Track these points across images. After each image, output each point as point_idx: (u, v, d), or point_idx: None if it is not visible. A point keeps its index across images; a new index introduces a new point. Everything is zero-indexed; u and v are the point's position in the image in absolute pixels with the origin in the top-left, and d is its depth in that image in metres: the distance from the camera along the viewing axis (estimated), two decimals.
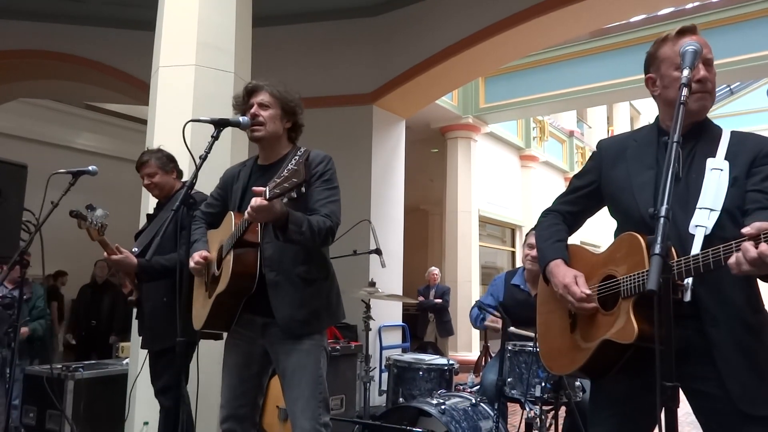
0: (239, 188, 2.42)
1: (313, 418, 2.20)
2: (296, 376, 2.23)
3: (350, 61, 6.87)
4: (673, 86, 1.67)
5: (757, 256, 1.28)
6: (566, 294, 1.71)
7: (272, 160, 2.41)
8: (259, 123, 2.32)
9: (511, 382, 3.15)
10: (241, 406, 2.34)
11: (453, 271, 10.27)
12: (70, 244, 9.34)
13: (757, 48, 7.95)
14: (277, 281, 2.22)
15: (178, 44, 3.77)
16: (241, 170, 2.49)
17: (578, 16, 6.09)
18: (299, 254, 2.25)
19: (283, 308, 2.21)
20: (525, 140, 12.85)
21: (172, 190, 3.14)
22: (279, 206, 2.02)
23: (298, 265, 2.25)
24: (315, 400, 2.23)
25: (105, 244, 2.73)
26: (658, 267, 1.26)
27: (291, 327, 2.22)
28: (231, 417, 2.33)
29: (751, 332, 1.56)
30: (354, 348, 4.60)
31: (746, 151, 1.63)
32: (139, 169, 3.15)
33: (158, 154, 3.15)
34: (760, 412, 1.51)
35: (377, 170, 6.87)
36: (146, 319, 2.97)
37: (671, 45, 1.71)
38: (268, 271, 2.23)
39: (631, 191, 1.72)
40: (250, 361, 2.36)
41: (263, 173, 2.40)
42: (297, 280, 2.24)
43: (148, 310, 2.95)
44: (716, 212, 1.57)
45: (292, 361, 2.24)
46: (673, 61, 1.68)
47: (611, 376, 1.70)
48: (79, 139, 10.73)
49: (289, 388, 2.26)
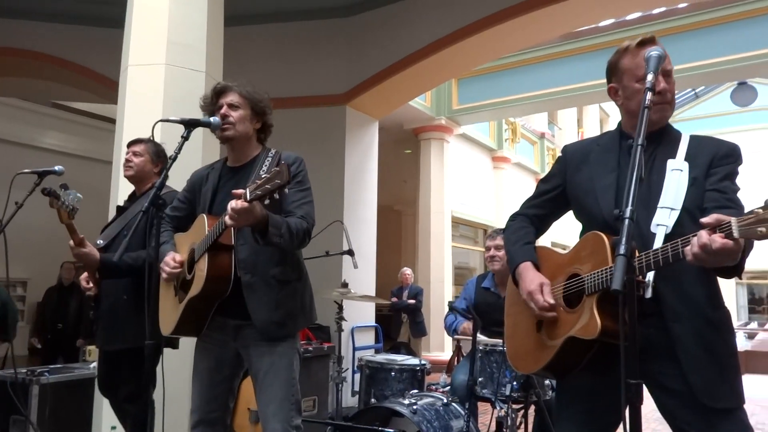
0: (209, 191, 2.38)
1: (285, 421, 2.19)
2: (269, 378, 2.22)
3: (324, 61, 6.85)
4: (635, 98, 1.73)
5: (708, 242, 1.32)
6: (530, 300, 1.75)
7: (242, 161, 2.39)
8: (230, 123, 2.29)
9: (482, 382, 3.18)
10: (213, 410, 2.31)
11: (426, 272, 10.33)
12: (35, 245, 9.16)
13: (721, 53, 8.17)
14: (253, 283, 2.20)
15: (148, 43, 3.72)
16: (209, 172, 2.45)
17: (549, 20, 6.18)
18: (274, 256, 2.23)
19: (260, 311, 2.19)
20: (497, 141, 12.99)
21: (147, 182, 3.03)
22: (259, 209, 1.99)
23: (273, 267, 2.23)
24: (287, 402, 2.21)
25: (72, 230, 2.65)
26: (622, 267, 1.30)
27: (268, 329, 2.20)
28: (202, 422, 2.30)
29: (712, 328, 1.61)
30: (326, 349, 4.59)
31: (705, 153, 1.69)
32: (129, 145, 3.05)
33: (156, 143, 3.04)
34: (722, 405, 1.56)
35: (350, 171, 6.87)
36: (104, 317, 2.86)
37: (632, 57, 1.75)
38: (243, 273, 2.20)
39: (595, 194, 1.77)
40: (221, 364, 2.33)
41: (233, 175, 2.37)
42: (273, 282, 2.22)
43: (107, 307, 2.86)
44: (676, 211, 1.62)
45: (265, 363, 2.23)
46: (634, 73, 1.73)
47: (575, 374, 1.73)
48: (45, 138, 10.49)
49: (261, 391, 2.24)
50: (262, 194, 1.88)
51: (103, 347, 2.88)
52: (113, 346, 2.84)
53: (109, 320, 2.85)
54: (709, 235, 1.33)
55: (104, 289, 2.88)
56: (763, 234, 1.23)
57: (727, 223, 1.31)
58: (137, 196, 3.06)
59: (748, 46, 7.98)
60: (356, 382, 5.48)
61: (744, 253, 1.37)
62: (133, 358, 2.87)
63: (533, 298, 1.73)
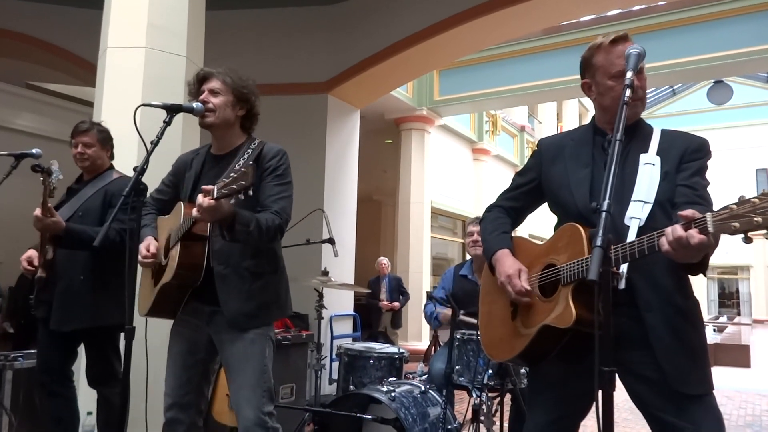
0: (191, 177, 2.39)
1: (257, 407, 2.20)
2: (241, 365, 2.23)
3: (306, 49, 6.81)
4: (608, 94, 1.78)
5: (684, 235, 1.36)
6: (507, 284, 1.78)
7: (225, 150, 2.38)
8: (209, 110, 2.29)
9: (458, 370, 3.23)
10: (186, 393, 2.32)
11: (405, 262, 10.37)
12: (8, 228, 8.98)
13: (699, 51, 8.29)
14: (225, 274, 2.21)
15: (128, 25, 3.66)
16: (194, 158, 2.45)
17: (531, 14, 6.21)
18: (248, 248, 2.24)
19: (231, 301, 2.21)
20: (477, 134, 13.05)
21: (101, 168, 3.06)
22: (227, 206, 1.99)
23: (246, 259, 2.24)
24: (260, 389, 2.23)
25: (46, 204, 2.67)
26: (599, 258, 1.33)
27: (238, 320, 2.22)
28: (175, 405, 2.30)
29: (682, 316, 1.66)
30: (305, 337, 4.60)
31: (676, 147, 1.74)
32: (75, 135, 3.03)
33: (100, 127, 3.06)
34: (694, 391, 1.62)
35: (331, 160, 6.86)
36: (59, 297, 2.83)
37: (605, 54, 1.79)
38: (216, 264, 2.21)
39: (569, 188, 1.81)
40: (195, 348, 2.34)
41: (216, 163, 2.37)
42: (245, 274, 2.23)
43: (63, 288, 2.84)
44: (649, 204, 1.67)
45: (237, 349, 2.24)
46: (607, 71, 1.78)
47: (548, 362, 1.78)
48: (19, 120, 10.25)
49: (233, 377, 2.25)
50: (227, 194, 1.89)
51: (59, 328, 2.82)
52: (69, 327, 2.81)
53: (65, 300, 2.82)
54: (684, 229, 1.37)
55: (60, 269, 2.86)
56: (736, 229, 1.27)
57: (703, 218, 1.34)
58: (85, 180, 3.08)
59: (724, 46, 8.12)
60: (334, 370, 5.51)
61: (711, 251, 1.42)
62: (90, 338, 2.87)
63: (511, 281, 1.77)
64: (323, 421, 3.23)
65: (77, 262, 2.82)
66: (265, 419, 2.21)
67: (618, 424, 5.26)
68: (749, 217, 1.25)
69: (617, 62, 1.75)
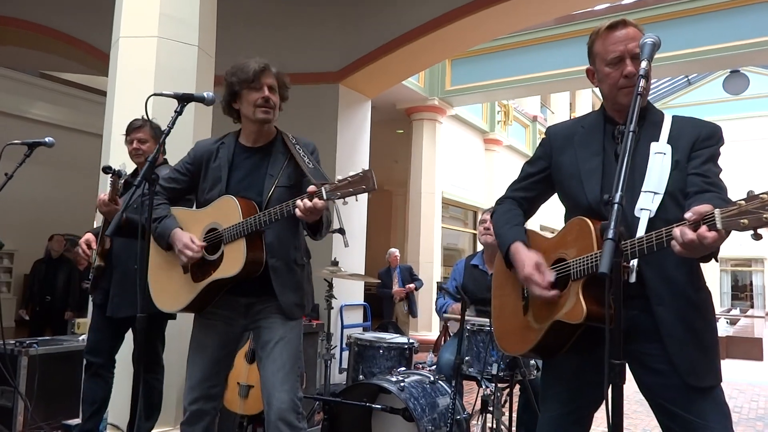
0: (222, 167, 2.33)
1: (291, 391, 2.22)
2: (279, 347, 2.25)
3: (318, 38, 6.79)
4: (605, 81, 1.76)
5: (696, 238, 1.34)
6: (529, 285, 1.73)
7: (260, 143, 2.37)
8: (270, 107, 2.29)
9: (468, 361, 3.23)
10: (215, 385, 2.34)
11: (415, 252, 10.37)
12: (23, 217, 9.09)
13: (715, 40, 8.17)
14: (278, 267, 2.26)
15: (140, 15, 3.67)
16: (219, 147, 2.38)
17: (544, 2, 6.16)
18: (291, 240, 2.32)
19: (286, 293, 2.27)
20: (489, 124, 12.98)
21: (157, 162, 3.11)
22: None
23: (292, 251, 2.32)
24: (294, 374, 2.26)
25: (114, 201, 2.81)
26: (610, 251, 1.32)
27: (292, 310, 2.28)
28: (202, 398, 2.30)
29: (694, 309, 1.65)
30: (315, 326, 4.62)
31: (687, 135, 1.71)
32: (130, 132, 3.12)
33: (153, 123, 3.13)
34: (705, 383, 1.61)
35: (342, 150, 6.85)
36: (116, 285, 2.99)
37: (602, 41, 1.76)
38: (269, 257, 2.24)
39: (579, 178, 1.78)
40: (227, 341, 2.36)
41: (250, 155, 2.35)
42: (293, 266, 2.32)
43: (119, 276, 2.99)
44: (660, 195, 1.64)
45: (278, 333, 2.26)
46: (604, 58, 1.75)
47: (561, 355, 1.77)
48: (33, 109, 10.36)
49: (271, 359, 2.25)
50: (341, 196, 1.97)
51: (116, 314, 2.97)
52: (125, 313, 2.94)
53: (122, 288, 2.97)
54: (693, 230, 1.35)
55: (116, 258, 3.02)
56: (745, 225, 1.25)
57: (711, 214, 1.33)
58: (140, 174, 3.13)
59: (741, 35, 7.99)
60: (344, 359, 5.53)
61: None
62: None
63: (533, 279, 1.71)
64: (333, 410, 3.25)
65: (132, 251, 2.87)
66: (297, 403, 2.24)
67: (628, 416, 5.26)
68: (758, 213, 1.23)
69: (612, 48, 1.72)
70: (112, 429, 3.25)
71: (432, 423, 3.02)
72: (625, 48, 1.70)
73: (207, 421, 2.32)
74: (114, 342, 3.12)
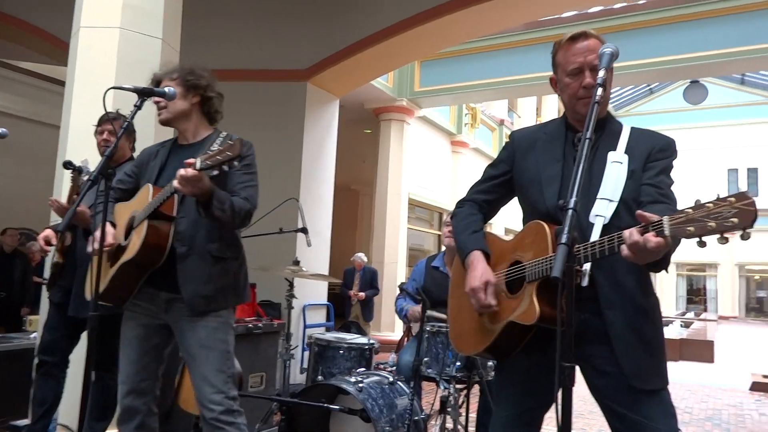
0: (156, 165, 2.40)
1: (221, 391, 2.20)
2: (204, 352, 2.23)
3: (286, 35, 6.73)
4: (566, 91, 1.81)
5: (641, 240, 1.38)
6: (472, 296, 1.79)
7: (191, 140, 2.41)
8: (161, 107, 2.34)
9: (427, 362, 3.25)
10: (143, 379, 2.31)
11: (380, 252, 10.39)
12: None
13: (677, 51, 8.41)
14: (187, 255, 2.23)
15: (102, 4, 3.59)
16: (159, 149, 2.48)
17: (513, 7, 6.24)
18: (212, 232, 2.26)
19: (190, 283, 2.22)
20: (456, 126, 13.08)
21: (123, 158, 3.08)
22: (207, 181, 2.04)
23: (210, 242, 2.26)
24: (223, 374, 2.23)
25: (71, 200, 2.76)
26: (563, 255, 1.35)
27: (195, 303, 2.22)
28: (132, 392, 2.29)
29: (642, 314, 1.70)
30: (276, 326, 4.57)
31: (643, 146, 1.76)
32: (101, 123, 3.06)
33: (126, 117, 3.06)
34: (650, 386, 1.66)
35: (309, 148, 6.81)
36: (78, 284, 2.88)
37: (564, 51, 1.81)
38: (179, 245, 2.22)
39: (540, 184, 1.82)
40: (149, 333, 2.33)
41: (182, 152, 2.37)
42: (207, 257, 2.25)
43: (81, 275, 2.86)
44: (614, 203, 1.69)
45: (199, 337, 2.23)
46: (564, 68, 1.79)
47: (514, 356, 1.80)
48: None
49: (196, 365, 2.24)
50: (212, 164, 1.95)
51: (78, 315, 2.86)
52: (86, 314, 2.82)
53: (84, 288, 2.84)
54: (640, 233, 1.39)
55: (78, 257, 2.91)
56: (691, 233, 1.30)
57: (660, 221, 1.36)
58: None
59: (701, 47, 8.25)
60: (305, 359, 5.51)
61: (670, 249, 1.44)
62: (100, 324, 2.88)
63: (476, 295, 1.77)
64: (291, 411, 3.23)
65: None
66: (230, 403, 2.22)
67: (584, 417, 5.37)
68: (704, 221, 1.27)
69: (573, 60, 1.76)
70: (63, 429, 3.16)
71: (390, 424, 3.03)
72: (584, 60, 1.74)
73: (138, 420, 2.29)
74: (70, 341, 3.05)
